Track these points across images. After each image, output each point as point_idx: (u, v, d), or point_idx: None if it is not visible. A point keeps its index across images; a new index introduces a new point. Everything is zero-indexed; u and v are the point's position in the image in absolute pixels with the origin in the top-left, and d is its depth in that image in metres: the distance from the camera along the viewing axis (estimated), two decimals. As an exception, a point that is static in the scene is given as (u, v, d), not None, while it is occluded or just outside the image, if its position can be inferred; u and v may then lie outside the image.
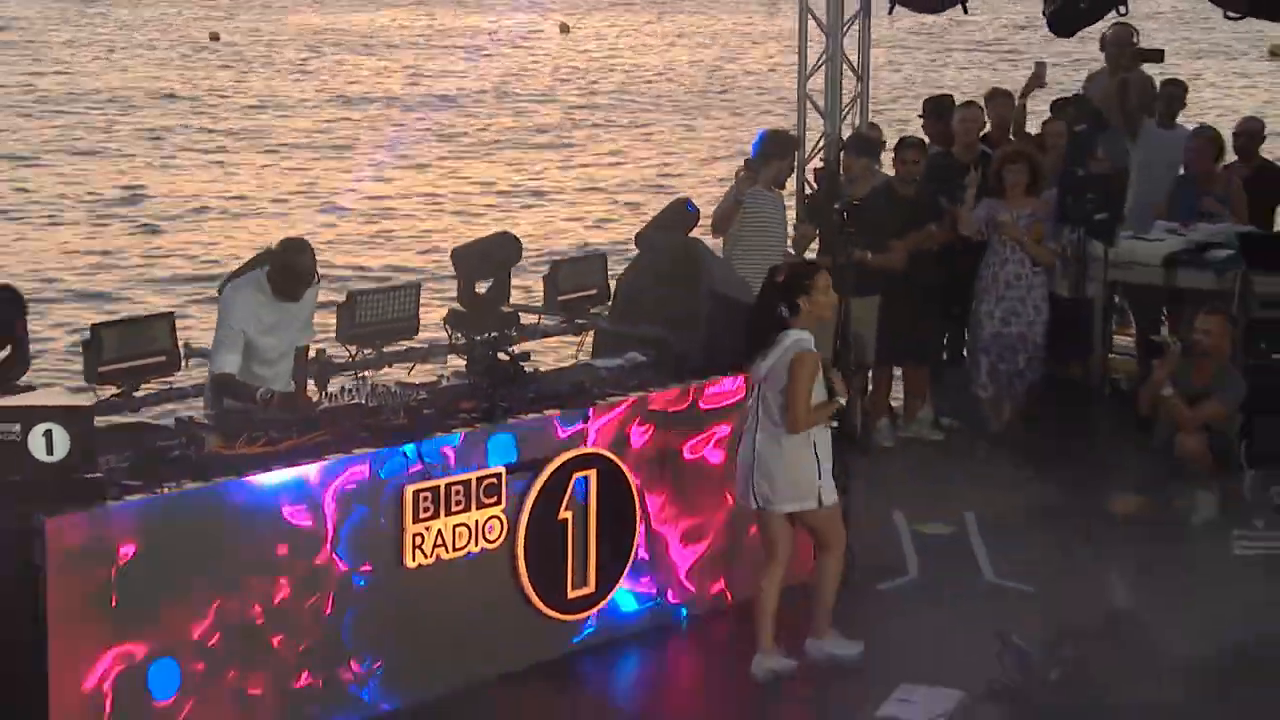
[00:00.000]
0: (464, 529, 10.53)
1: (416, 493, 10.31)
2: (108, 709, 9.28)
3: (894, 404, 15.91)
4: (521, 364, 11.67)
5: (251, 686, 9.85)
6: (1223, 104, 42.50)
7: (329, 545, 10.12)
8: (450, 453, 10.64)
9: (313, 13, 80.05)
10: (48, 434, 9.13)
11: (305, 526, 10.02)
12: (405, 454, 10.42)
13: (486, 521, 10.62)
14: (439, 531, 10.43)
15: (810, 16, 15.23)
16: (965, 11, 15.04)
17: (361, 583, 10.25)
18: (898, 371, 16.05)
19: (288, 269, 11.64)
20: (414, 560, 10.35)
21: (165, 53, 63.16)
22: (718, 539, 12.19)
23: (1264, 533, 12.74)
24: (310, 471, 10.11)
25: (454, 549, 10.52)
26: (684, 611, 12.01)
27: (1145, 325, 16.02)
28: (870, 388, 15.43)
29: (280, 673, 9.95)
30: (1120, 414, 14.54)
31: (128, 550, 9.32)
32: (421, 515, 10.36)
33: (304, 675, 10.05)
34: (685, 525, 12.01)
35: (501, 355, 11.47)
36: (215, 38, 71.62)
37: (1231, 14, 13.41)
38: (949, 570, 12.77)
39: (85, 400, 10.13)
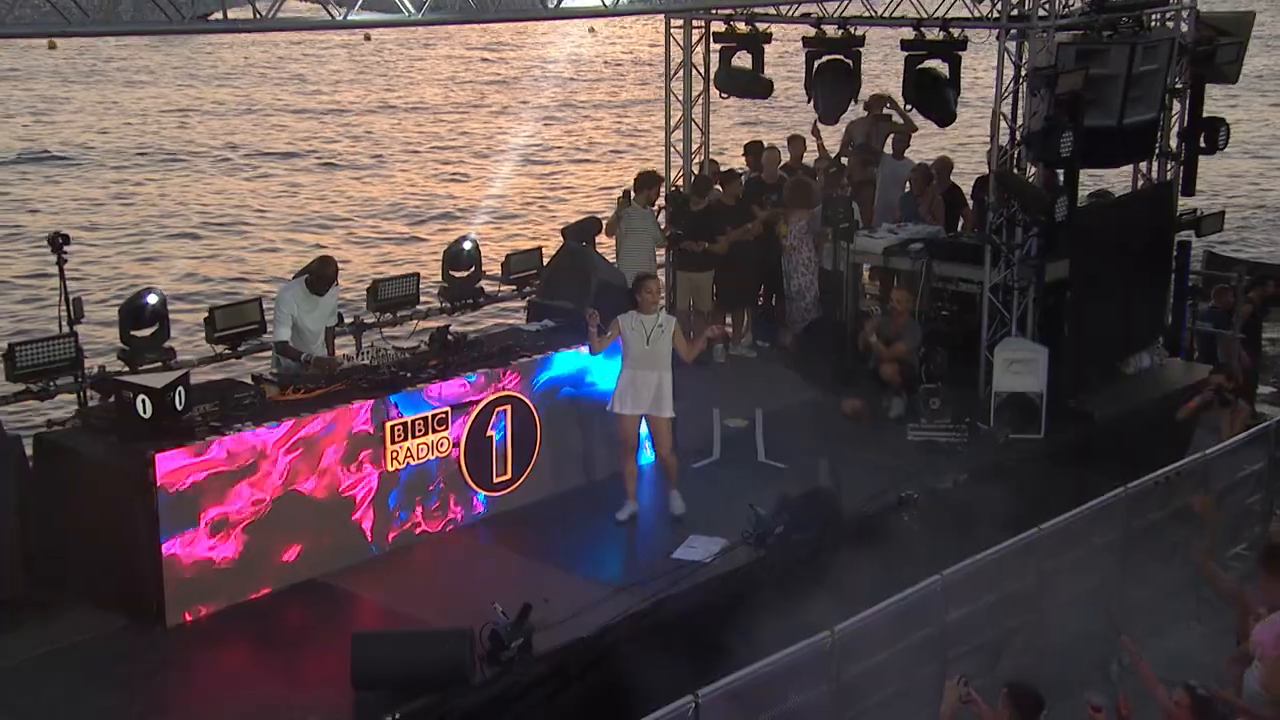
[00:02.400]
0: (424, 445, 10.50)
1: (392, 426, 10.29)
2: (196, 568, 9.37)
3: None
4: (464, 339, 11.38)
5: (284, 542, 9.87)
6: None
7: (341, 456, 10.09)
8: (418, 397, 10.51)
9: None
10: (142, 401, 9.22)
11: (327, 447, 10.00)
12: (387, 400, 10.32)
13: (439, 441, 10.59)
14: (408, 448, 10.40)
15: (671, 94, 14.99)
16: (765, 96, 14.84)
17: (360, 480, 10.22)
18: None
19: (319, 275, 11.45)
20: (391, 466, 10.33)
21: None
22: (586, 443, 11.84)
23: (926, 425, 12.61)
24: (331, 412, 10.07)
25: (418, 458, 10.48)
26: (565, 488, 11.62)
27: (884, 289, 15.45)
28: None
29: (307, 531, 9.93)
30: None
31: (208, 469, 9.37)
32: (396, 439, 10.33)
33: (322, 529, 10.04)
34: (566, 437, 11.64)
35: (450, 336, 11.21)
36: (367, 37, 66.54)
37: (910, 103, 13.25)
38: (738, 452, 12.42)
39: (175, 374, 9.86)
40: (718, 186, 14.81)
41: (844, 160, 15.70)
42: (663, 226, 14.47)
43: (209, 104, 44.30)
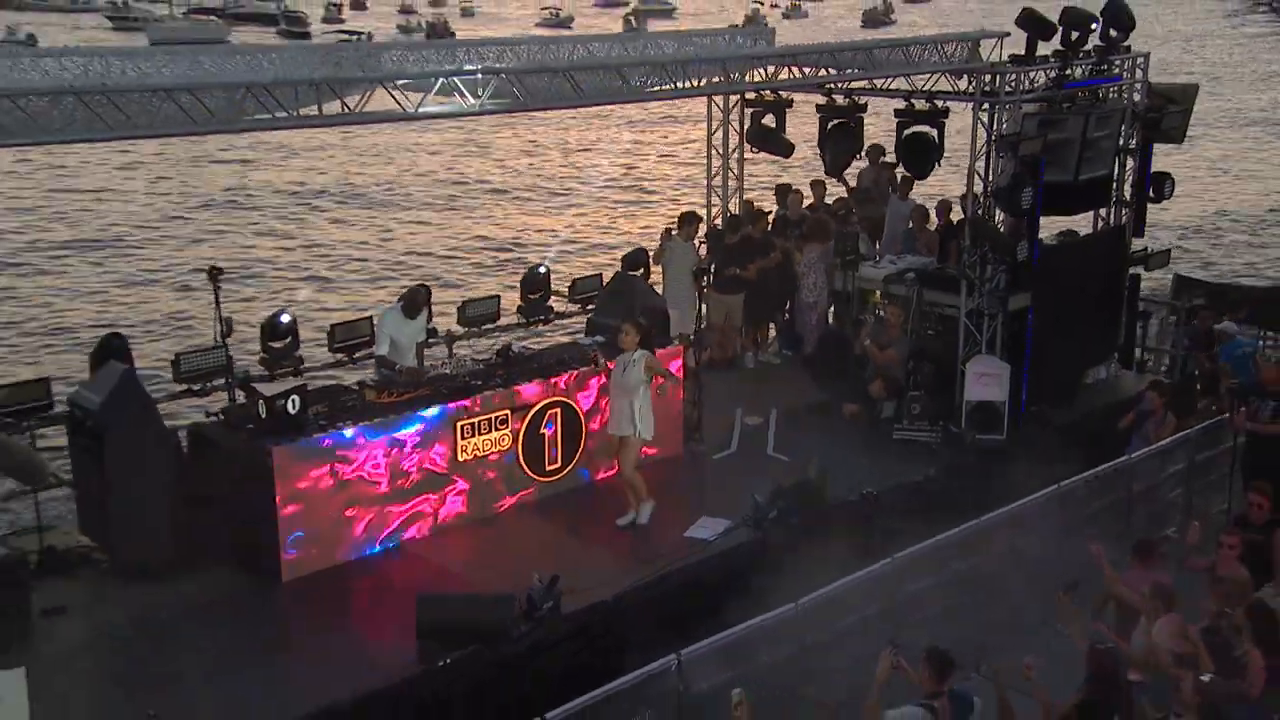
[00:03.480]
0: (489, 441, 10.80)
1: (461, 425, 10.61)
2: (304, 538, 9.82)
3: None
4: (524, 353, 11.60)
5: (373, 518, 10.23)
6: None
7: (421, 449, 10.45)
8: (485, 399, 10.80)
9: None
10: (261, 405, 9.72)
11: (410, 440, 10.38)
12: (460, 403, 10.64)
13: (501, 437, 10.87)
14: (475, 443, 10.72)
15: (712, 147, 15.05)
16: (787, 156, 14.71)
17: (437, 468, 10.58)
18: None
19: (411, 301, 11.76)
20: (461, 457, 10.67)
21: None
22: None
23: (908, 427, 12.69)
24: (415, 413, 10.43)
25: (484, 451, 10.80)
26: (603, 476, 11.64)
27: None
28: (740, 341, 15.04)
29: (391, 510, 10.32)
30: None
31: (316, 458, 9.80)
32: (465, 436, 10.66)
33: (404, 508, 10.44)
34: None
35: (513, 350, 11.45)
36: None
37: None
38: (753, 447, 12.48)
39: (291, 385, 10.32)
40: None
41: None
42: (702, 256, 14.56)
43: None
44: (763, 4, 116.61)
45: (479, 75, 9.02)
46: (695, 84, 11.14)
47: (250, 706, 8.39)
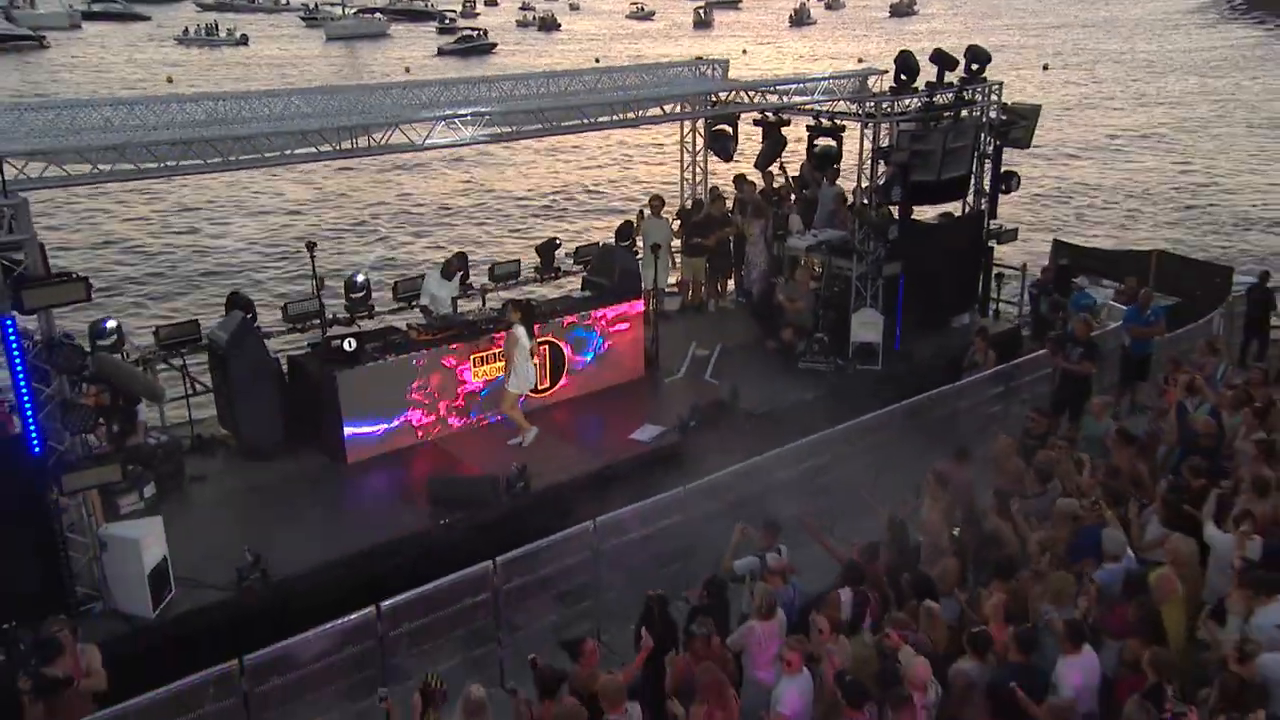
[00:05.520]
0: (495, 369, 11.52)
1: (476, 355, 11.42)
2: (360, 434, 10.62)
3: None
4: (532, 304, 12.05)
5: (409, 421, 11.02)
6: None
7: (448, 373, 11.22)
8: (493, 339, 11.48)
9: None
10: (325, 342, 10.78)
11: (440, 367, 11.16)
12: (472, 340, 11.43)
13: (503, 367, 11.40)
14: (485, 370, 11.49)
15: (683, 148, 15.51)
16: (728, 160, 14.64)
17: (456, 388, 11.31)
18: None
19: (449, 266, 12.43)
20: (477, 378, 11.53)
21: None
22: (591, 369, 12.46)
23: (810, 359, 13.18)
24: (446, 349, 11.22)
25: (492, 376, 11.54)
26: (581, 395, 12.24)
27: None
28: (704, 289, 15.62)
29: (422, 417, 11.07)
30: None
31: (368, 380, 10.61)
32: (478, 364, 11.45)
33: (430, 416, 11.21)
34: (590, 364, 12.36)
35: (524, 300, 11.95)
36: None
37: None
38: (696, 373, 13.00)
39: (348, 330, 11.13)
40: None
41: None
42: (675, 230, 15.21)
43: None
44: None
45: (469, 115, 9.96)
46: (642, 114, 11.75)
47: (316, 546, 9.44)
